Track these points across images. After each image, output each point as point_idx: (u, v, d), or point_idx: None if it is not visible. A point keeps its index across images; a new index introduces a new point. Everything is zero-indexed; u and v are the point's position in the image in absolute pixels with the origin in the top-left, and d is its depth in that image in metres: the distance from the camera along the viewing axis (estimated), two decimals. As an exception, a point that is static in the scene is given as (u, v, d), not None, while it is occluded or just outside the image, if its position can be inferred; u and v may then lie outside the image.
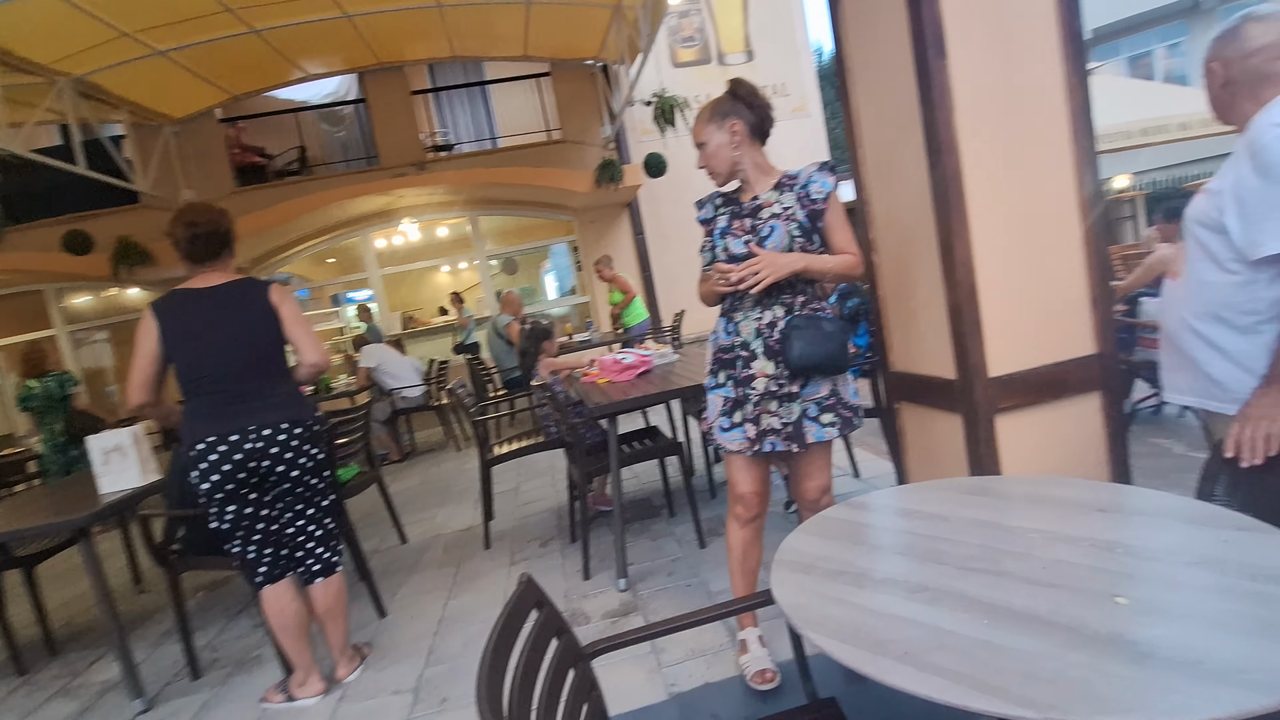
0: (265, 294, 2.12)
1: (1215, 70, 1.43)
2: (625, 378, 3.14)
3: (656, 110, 6.45)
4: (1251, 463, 1.29)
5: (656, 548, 3.00)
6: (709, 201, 1.92)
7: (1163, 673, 0.76)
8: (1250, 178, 1.29)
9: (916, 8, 1.72)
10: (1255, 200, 1.28)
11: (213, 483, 1.99)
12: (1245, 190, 1.30)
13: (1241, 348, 1.37)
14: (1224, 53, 1.41)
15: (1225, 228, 1.35)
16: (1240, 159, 1.33)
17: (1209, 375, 1.44)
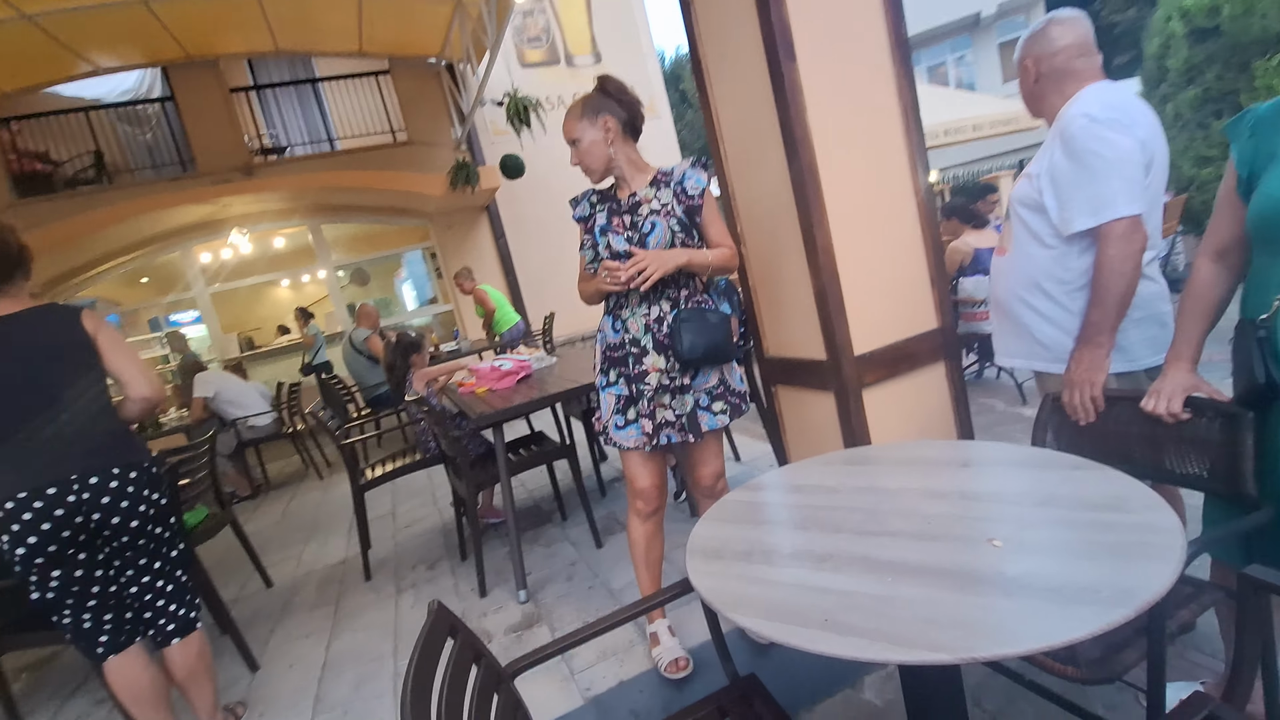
0: (75, 321, 1.82)
1: (1028, 67, 1.64)
2: (505, 385, 3.06)
3: (510, 110, 6.31)
4: (1085, 422, 1.50)
5: (552, 554, 2.95)
6: (584, 199, 1.91)
7: (1035, 601, 0.86)
8: (1062, 162, 1.50)
9: (766, 14, 1.82)
10: (1067, 182, 1.49)
11: (29, 547, 1.67)
12: (1058, 173, 1.51)
13: (1059, 313, 1.60)
14: (1034, 51, 1.62)
15: (1044, 207, 1.56)
16: (1053, 146, 1.54)
17: (1035, 339, 1.65)
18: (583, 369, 3.06)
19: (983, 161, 14.12)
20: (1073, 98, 1.56)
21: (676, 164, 1.83)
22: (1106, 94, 1.53)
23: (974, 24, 16.57)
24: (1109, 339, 1.49)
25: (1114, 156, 1.43)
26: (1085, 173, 1.46)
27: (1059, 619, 0.81)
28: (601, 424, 1.90)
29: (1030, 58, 1.63)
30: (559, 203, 2.46)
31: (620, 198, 1.84)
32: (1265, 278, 1.18)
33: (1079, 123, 1.47)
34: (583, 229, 1.89)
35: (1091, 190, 1.45)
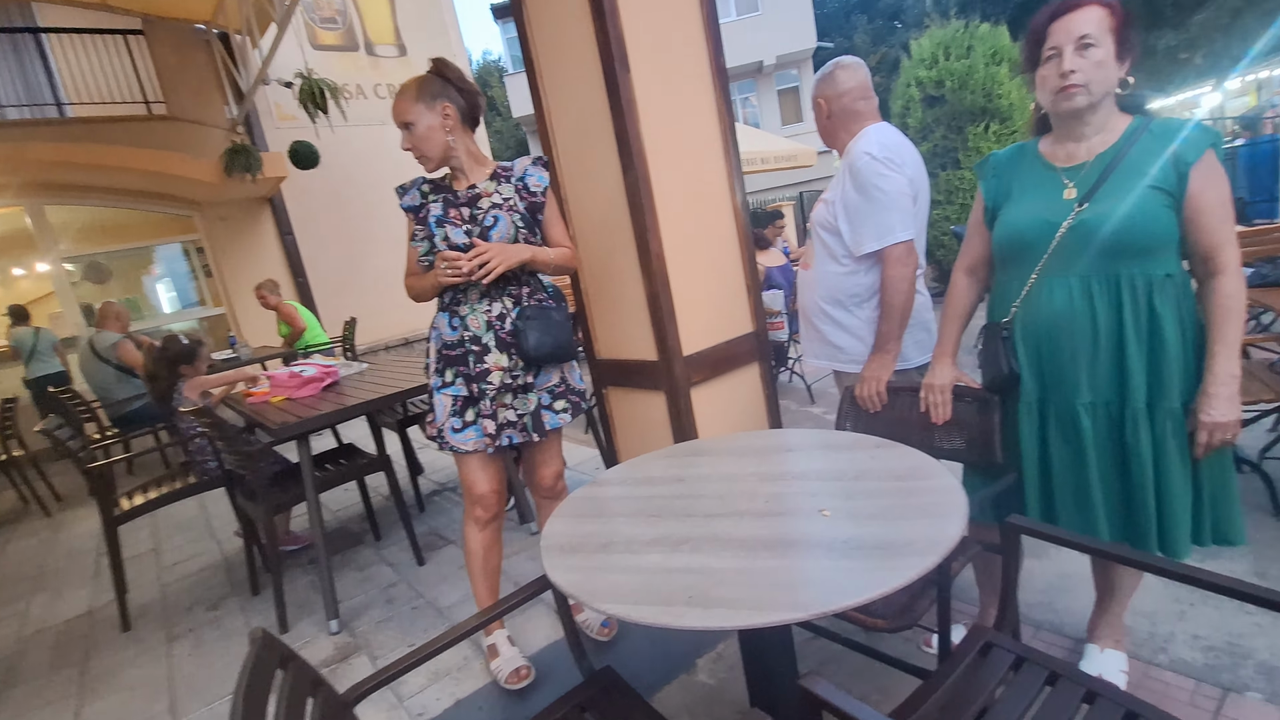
0: None
1: (821, 105, 1.88)
2: (308, 393, 2.74)
3: (303, 93, 5.70)
4: (873, 411, 1.75)
5: (367, 578, 2.70)
6: (413, 188, 1.80)
7: (867, 558, 0.99)
8: (852, 193, 1.74)
9: (602, 24, 1.87)
10: (856, 211, 1.74)
11: None
12: (849, 202, 1.75)
13: (853, 322, 1.85)
14: (825, 92, 1.87)
15: (839, 230, 1.80)
16: (844, 178, 1.78)
17: (833, 343, 1.89)
18: (395, 376, 2.86)
19: (769, 191, 15.82)
20: (858, 135, 1.82)
21: (517, 160, 1.80)
22: (883, 135, 1.80)
23: (758, 70, 18.53)
24: (896, 345, 1.76)
25: (891, 190, 1.70)
26: (870, 204, 1.71)
27: (888, 571, 0.94)
28: (436, 428, 1.79)
29: (823, 97, 1.87)
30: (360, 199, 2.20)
31: (457, 189, 1.76)
32: (1005, 290, 1.48)
33: (863, 159, 1.73)
34: (413, 219, 1.78)
35: (876, 219, 1.71)
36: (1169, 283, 1.28)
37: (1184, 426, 1.29)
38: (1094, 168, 1.31)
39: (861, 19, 22.91)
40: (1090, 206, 1.29)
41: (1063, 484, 1.42)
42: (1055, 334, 1.37)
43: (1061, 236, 1.32)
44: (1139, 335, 1.29)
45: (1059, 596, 1.91)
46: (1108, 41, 1.25)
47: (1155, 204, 1.24)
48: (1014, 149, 1.49)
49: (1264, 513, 2.14)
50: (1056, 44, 1.28)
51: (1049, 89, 1.31)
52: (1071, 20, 1.26)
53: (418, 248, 1.76)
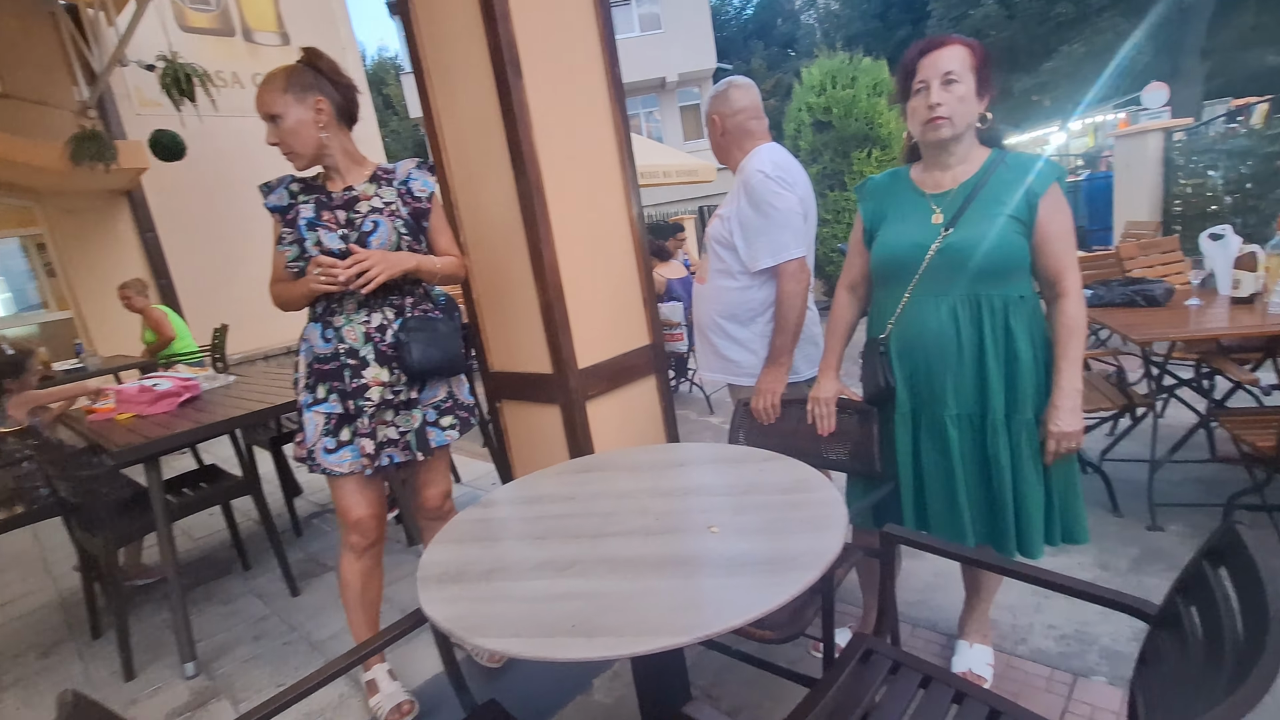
0: None
1: (715, 122, 1.91)
2: (161, 409, 2.47)
3: (166, 78, 5.20)
4: (767, 423, 1.78)
5: (233, 612, 2.45)
6: (280, 186, 1.65)
7: (753, 575, 0.99)
8: (747, 210, 1.77)
9: (494, 28, 1.81)
10: (751, 227, 1.77)
11: None
12: (744, 219, 1.78)
13: (746, 336, 1.88)
14: (719, 109, 1.89)
15: (735, 246, 1.82)
16: (739, 195, 1.81)
17: (728, 357, 1.92)
18: (266, 389, 2.64)
19: (671, 205, 16.11)
20: (751, 153, 1.86)
21: (399, 163, 1.70)
22: (775, 154, 1.85)
23: (661, 86, 18.92)
24: (789, 359, 1.81)
25: (784, 208, 1.75)
26: (765, 221, 1.75)
27: (772, 587, 0.94)
28: (306, 448, 1.64)
29: (717, 114, 1.90)
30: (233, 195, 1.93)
31: (332, 190, 1.63)
32: (883, 307, 1.55)
33: (757, 177, 1.76)
34: (279, 221, 1.63)
35: (771, 235, 1.75)
36: (1022, 304, 1.39)
37: (1036, 436, 1.40)
38: (958, 195, 1.41)
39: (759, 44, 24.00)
40: (955, 231, 1.38)
41: (934, 490, 1.50)
42: (926, 350, 1.45)
43: (930, 259, 1.40)
44: (997, 352, 1.39)
45: (934, 594, 2.03)
46: (969, 79, 1.35)
47: (1010, 231, 1.35)
48: (889, 174, 1.57)
49: (1105, 510, 2.37)
50: (924, 78, 1.36)
51: (918, 120, 1.39)
52: (938, 57, 1.35)
53: (285, 252, 1.61)
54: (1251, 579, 0.68)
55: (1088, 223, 8.19)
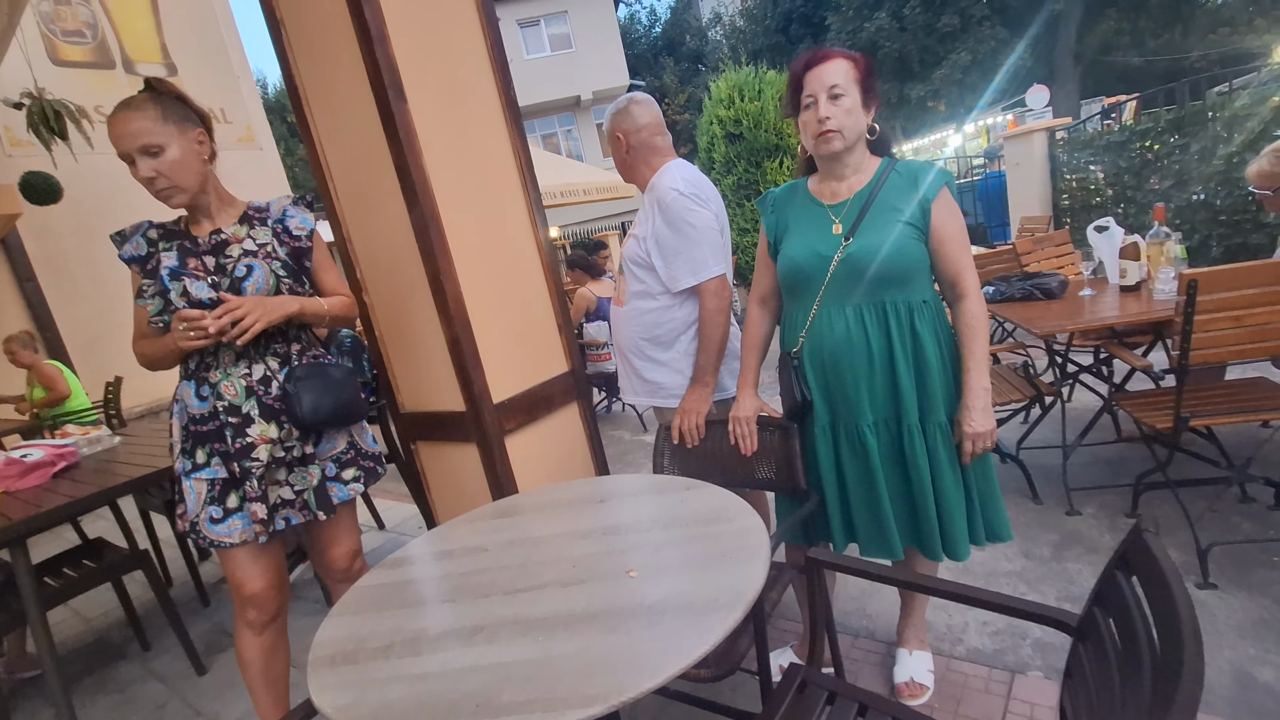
0: None
1: (620, 139, 1.85)
2: (31, 483, 2.21)
3: (32, 116, 4.78)
4: (692, 445, 1.73)
5: (128, 700, 2.19)
6: (137, 234, 1.49)
7: (673, 623, 0.92)
8: (663, 229, 1.71)
9: (370, 50, 1.71)
10: (670, 246, 1.70)
11: None
12: (662, 238, 1.71)
13: (669, 356, 1.82)
14: (622, 126, 1.84)
15: (653, 266, 1.76)
16: (653, 213, 1.74)
17: (651, 380, 1.85)
18: (155, 450, 2.42)
19: (594, 221, 16.12)
20: (659, 170, 1.81)
21: (272, 200, 1.57)
22: (685, 171, 1.81)
23: (576, 104, 18.97)
24: (713, 378, 1.76)
25: (701, 225, 1.70)
26: (682, 239, 1.70)
27: (695, 634, 0.88)
28: (188, 520, 1.47)
29: (620, 131, 1.85)
30: None
31: (197, 235, 1.49)
32: (793, 320, 1.53)
33: (671, 195, 1.71)
34: (138, 272, 1.47)
35: (689, 254, 1.70)
36: (925, 307, 1.39)
37: (951, 437, 1.40)
38: (854, 205, 1.40)
39: (669, 61, 24.43)
40: (854, 240, 1.37)
41: (858, 501, 1.48)
42: (838, 359, 1.43)
43: (834, 269, 1.39)
44: (906, 357, 1.38)
45: (870, 601, 2.02)
46: (854, 91, 1.35)
47: (907, 236, 1.35)
48: (788, 187, 1.56)
49: (1024, 497, 2.45)
50: (811, 92, 1.36)
51: (810, 134, 1.39)
52: (822, 71, 1.35)
53: (146, 306, 1.45)
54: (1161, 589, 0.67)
55: (987, 219, 8.66)
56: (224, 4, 8.02)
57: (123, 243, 1.48)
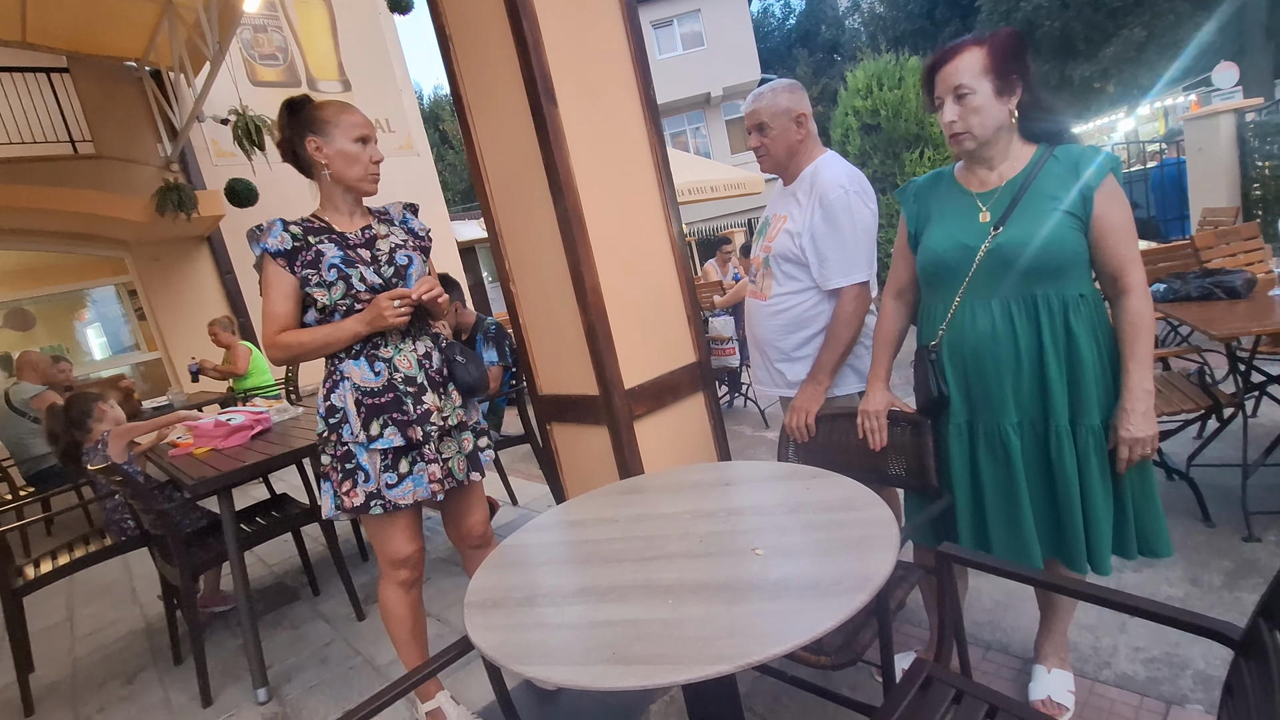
0: None
1: (802, 122, 1.78)
2: (235, 442, 2.60)
3: (238, 130, 5.57)
4: (800, 441, 1.73)
5: (300, 637, 2.54)
6: (275, 230, 1.56)
7: (797, 600, 0.95)
8: (821, 225, 1.69)
9: (527, 59, 1.86)
10: (826, 243, 1.69)
11: None
12: (819, 235, 1.70)
13: (810, 351, 1.81)
14: (801, 108, 1.78)
15: (804, 262, 1.75)
16: (812, 209, 1.71)
17: (788, 374, 1.86)
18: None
19: (720, 219, 16.09)
20: (817, 163, 1.77)
21: (389, 205, 1.76)
22: (846, 166, 1.77)
23: (706, 101, 18.99)
24: (829, 377, 1.75)
25: (862, 226, 1.69)
26: (840, 238, 1.68)
27: (816, 613, 0.90)
28: (364, 492, 1.60)
29: (802, 114, 1.78)
30: None
31: (344, 230, 1.64)
32: (932, 313, 1.49)
33: (836, 192, 1.68)
34: (283, 265, 1.55)
35: (844, 254, 1.69)
36: (1083, 302, 1.30)
37: (1104, 443, 1.31)
38: (1005, 193, 1.34)
39: (803, 52, 23.79)
40: (1004, 230, 1.31)
41: (994, 504, 1.41)
42: (980, 355, 1.37)
43: (980, 260, 1.34)
44: (1058, 354, 1.30)
45: (1005, 615, 1.91)
46: (984, 84, 1.29)
47: (1064, 227, 1.27)
48: (931, 175, 1.51)
49: (1194, 519, 2.19)
50: (939, 94, 1.34)
51: (944, 133, 1.36)
52: (947, 71, 1.32)
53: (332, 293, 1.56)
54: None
55: (1160, 212, 7.69)
56: (390, 25, 8.85)
57: (267, 236, 1.55)
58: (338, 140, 1.56)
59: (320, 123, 1.56)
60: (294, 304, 1.58)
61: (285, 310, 1.57)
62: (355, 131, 1.57)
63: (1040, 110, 1.35)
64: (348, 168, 1.58)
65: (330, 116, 1.57)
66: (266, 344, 1.58)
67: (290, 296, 1.57)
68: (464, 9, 2.06)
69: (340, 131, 1.56)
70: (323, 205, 1.66)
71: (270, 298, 1.57)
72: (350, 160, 1.58)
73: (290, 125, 1.59)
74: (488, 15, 1.95)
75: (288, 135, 1.61)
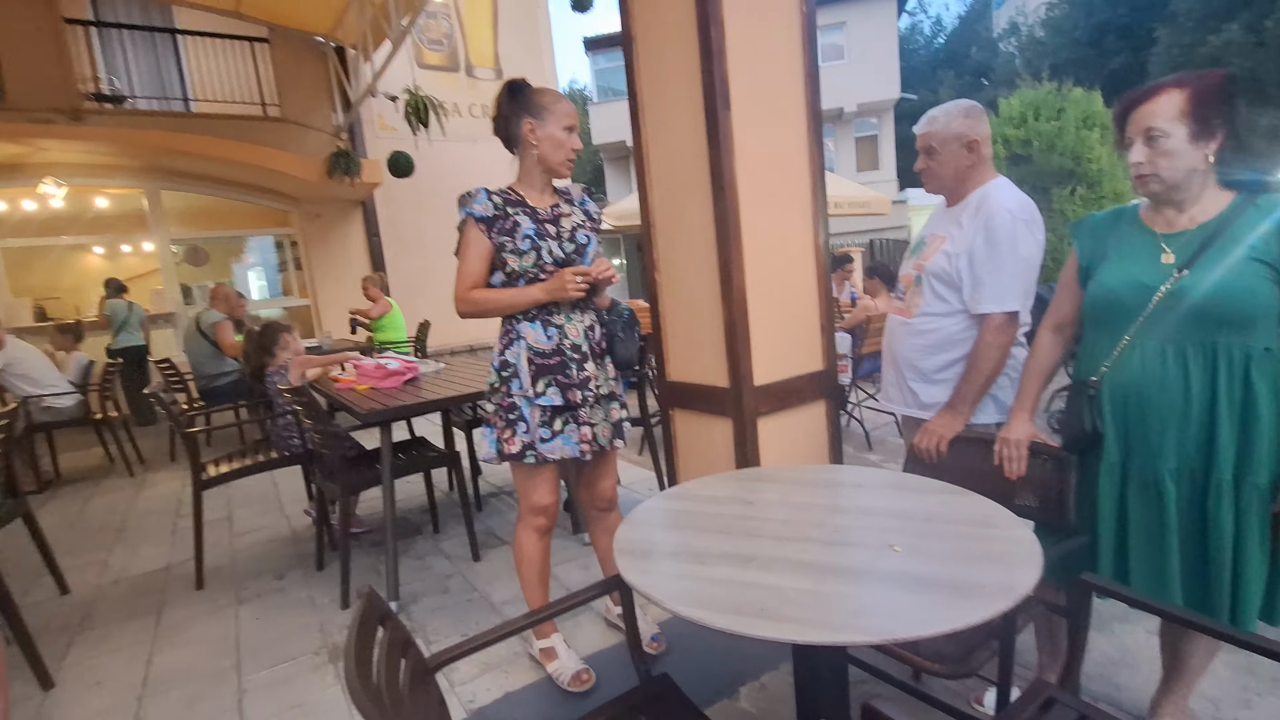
0: None
1: (976, 144, 1.77)
2: (390, 384, 2.91)
3: (410, 107, 6.09)
4: (928, 463, 1.75)
5: (424, 567, 2.81)
6: (480, 198, 1.74)
7: (938, 595, 1.01)
8: (982, 248, 1.70)
9: (709, 65, 1.98)
10: (984, 267, 1.69)
11: None
12: (978, 257, 1.71)
13: (947, 376, 1.82)
14: (980, 131, 1.77)
15: (957, 284, 1.76)
16: (974, 230, 1.72)
17: (924, 395, 1.87)
18: (467, 378, 2.99)
19: (839, 236, 15.70)
20: (987, 187, 1.76)
21: (569, 186, 1.91)
22: (1016, 192, 1.75)
23: (838, 116, 18.59)
24: (969, 408, 1.74)
25: (1025, 255, 1.68)
26: (999, 263, 1.68)
27: (959, 608, 0.96)
28: (523, 442, 1.77)
29: (979, 135, 1.78)
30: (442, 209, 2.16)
31: (536, 205, 1.80)
32: (1095, 349, 1.47)
33: (1004, 217, 1.68)
34: (483, 230, 1.74)
35: (999, 279, 1.68)
36: (1268, 357, 1.26)
37: (1269, 504, 1.26)
38: (1195, 236, 1.32)
39: (948, 74, 22.80)
40: (1191, 274, 1.29)
41: (1139, 549, 1.39)
42: (1145, 397, 1.36)
43: (1158, 301, 1.33)
44: (1232, 407, 1.27)
45: (1119, 671, 1.84)
46: (1179, 128, 1.27)
47: (1257, 276, 1.24)
48: (1112, 212, 1.50)
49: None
50: (1130, 135, 1.33)
51: (1131, 172, 1.35)
52: (1141, 113, 1.31)
53: (522, 261, 1.74)
54: None
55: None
56: (545, 21, 9.33)
57: (471, 203, 1.74)
58: (550, 125, 1.74)
59: (538, 107, 1.74)
60: (486, 265, 1.77)
61: (479, 270, 1.77)
62: (566, 120, 1.75)
63: (1244, 157, 1.32)
64: (554, 151, 1.76)
65: (548, 104, 1.75)
66: (459, 297, 1.77)
67: (485, 258, 1.76)
68: (653, 13, 2.21)
69: (554, 119, 1.74)
70: (520, 180, 1.84)
71: (467, 257, 1.76)
72: (557, 145, 1.76)
73: (509, 105, 1.77)
74: (675, 20, 2.09)
75: (505, 113, 1.78)
